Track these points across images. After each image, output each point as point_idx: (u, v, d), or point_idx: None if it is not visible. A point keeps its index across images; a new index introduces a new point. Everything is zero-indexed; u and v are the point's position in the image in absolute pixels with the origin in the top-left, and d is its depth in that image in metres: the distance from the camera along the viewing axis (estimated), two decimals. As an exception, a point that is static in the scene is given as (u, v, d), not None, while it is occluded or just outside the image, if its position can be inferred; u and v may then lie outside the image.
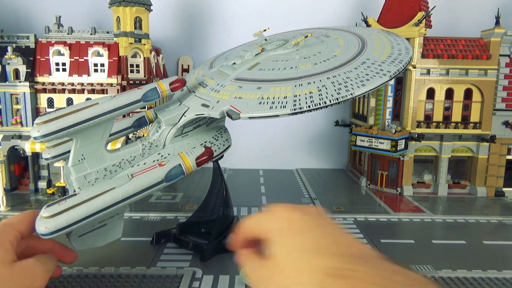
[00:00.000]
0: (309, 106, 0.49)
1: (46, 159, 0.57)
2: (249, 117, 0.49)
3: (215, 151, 0.59)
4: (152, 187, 0.49)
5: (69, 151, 0.53)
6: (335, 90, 0.51)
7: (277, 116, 0.49)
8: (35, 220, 0.46)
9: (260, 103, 0.50)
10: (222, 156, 0.61)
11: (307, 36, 0.65)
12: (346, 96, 0.50)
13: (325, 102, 0.49)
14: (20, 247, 0.45)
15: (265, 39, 0.69)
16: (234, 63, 0.61)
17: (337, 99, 0.50)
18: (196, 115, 0.55)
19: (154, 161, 0.54)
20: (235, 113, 0.50)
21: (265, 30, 0.71)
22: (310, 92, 0.51)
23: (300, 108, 0.49)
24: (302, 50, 0.63)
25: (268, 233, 0.33)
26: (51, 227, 0.41)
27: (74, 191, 0.50)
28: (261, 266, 0.33)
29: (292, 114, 0.49)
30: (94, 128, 0.48)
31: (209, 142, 0.59)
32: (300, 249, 0.31)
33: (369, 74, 0.53)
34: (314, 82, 0.53)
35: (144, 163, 0.53)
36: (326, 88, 0.51)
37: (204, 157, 0.53)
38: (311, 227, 0.33)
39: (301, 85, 0.52)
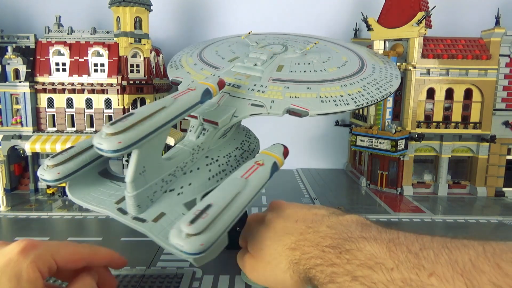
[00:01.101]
0: (367, 103, 0.54)
1: (47, 180, 0.44)
2: (318, 114, 0.52)
3: (254, 149, 0.60)
4: (262, 187, 0.45)
5: (81, 168, 0.47)
6: (376, 89, 0.56)
7: (343, 112, 0.54)
8: (83, 256, 0.40)
9: (322, 101, 0.53)
10: None
11: (315, 44, 0.68)
12: (387, 94, 0.56)
13: (377, 99, 0.55)
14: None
15: (256, 42, 0.70)
16: (255, 65, 0.61)
17: (383, 96, 0.56)
18: (251, 114, 0.54)
19: (207, 164, 0.51)
20: (303, 111, 0.52)
21: (249, 33, 0.73)
22: (358, 91, 0.55)
23: (362, 104, 0.54)
24: (312, 55, 0.64)
25: (247, 238, 0.46)
26: (207, 242, 0.35)
27: (122, 210, 0.45)
28: (247, 260, 0.44)
29: (355, 109, 0.55)
30: (159, 134, 0.42)
31: (245, 140, 0.59)
32: (268, 236, 0.43)
33: (387, 76, 0.60)
34: (354, 83, 0.57)
35: (198, 168, 0.51)
36: (368, 88, 0.57)
37: (287, 153, 0.52)
38: (276, 219, 0.45)
39: (346, 85, 0.56)
